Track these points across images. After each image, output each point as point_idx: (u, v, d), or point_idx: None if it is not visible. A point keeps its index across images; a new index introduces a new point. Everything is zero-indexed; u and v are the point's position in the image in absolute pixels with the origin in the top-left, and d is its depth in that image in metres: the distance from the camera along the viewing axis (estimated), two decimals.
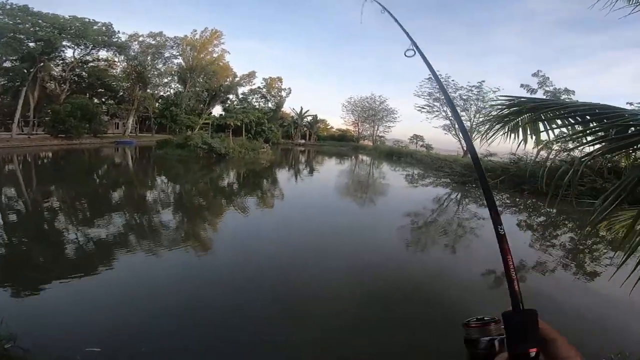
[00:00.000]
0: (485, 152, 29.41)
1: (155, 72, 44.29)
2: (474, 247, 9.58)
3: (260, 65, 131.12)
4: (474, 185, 22.31)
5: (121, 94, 43.21)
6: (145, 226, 9.14)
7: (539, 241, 10.81)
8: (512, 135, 3.70)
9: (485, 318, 0.59)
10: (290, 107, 61.86)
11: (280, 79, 55.21)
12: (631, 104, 20.79)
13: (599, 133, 2.75)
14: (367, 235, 9.90)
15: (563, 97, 24.30)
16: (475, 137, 3.77)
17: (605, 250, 9.73)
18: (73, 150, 28.48)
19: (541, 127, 3.57)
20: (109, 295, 4.94)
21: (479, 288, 6.51)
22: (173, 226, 9.26)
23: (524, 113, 3.31)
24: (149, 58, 42.23)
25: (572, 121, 2.94)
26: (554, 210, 16.04)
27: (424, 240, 10.02)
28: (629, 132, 2.25)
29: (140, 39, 42.22)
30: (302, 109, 59.98)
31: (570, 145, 3.71)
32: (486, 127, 3.69)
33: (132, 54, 40.86)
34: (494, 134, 3.54)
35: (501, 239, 0.62)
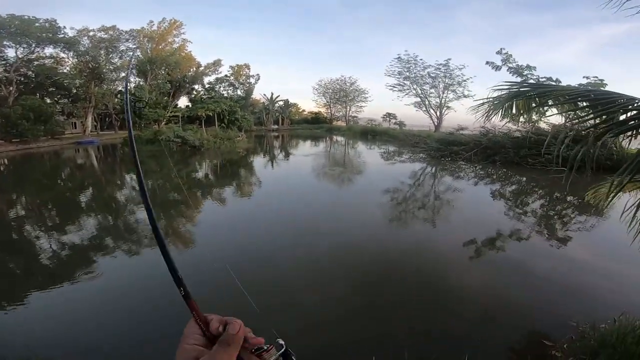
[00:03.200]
0: (456, 127, 30.64)
1: (111, 67, 41.51)
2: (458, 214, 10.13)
3: (226, 53, 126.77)
4: (448, 159, 23.21)
5: (75, 91, 40.30)
6: (138, 223, 8.84)
7: (512, 209, 11.54)
8: (505, 113, 3.99)
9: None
10: (260, 93, 60.51)
11: (247, 66, 53.60)
12: (587, 77, 22.30)
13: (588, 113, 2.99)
14: (355, 210, 10.14)
15: (525, 73, 25.75)
16: (480, 117, 3.97)
17: (573, 215, 10.60)
18: (31, 155, 26.46)
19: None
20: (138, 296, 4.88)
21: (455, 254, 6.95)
22: (164, 219, 9.02)
23: (519, 95, 3.56)
24: (102, 53, 39.53)
25: (567, 105, 3.20)
26: (524, 179, 17.11)
27: (415, 212, 10.44)
28: (627, 116, 2.51)
29: (91, 33, 39.38)
30: (272, 94, 58.74)
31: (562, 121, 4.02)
32: (486, 106, 3.94)
33: (83, 49, 38.10)
34: (494, 112, 3.80)
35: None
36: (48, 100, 37.86)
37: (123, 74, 43.76)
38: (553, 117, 3.57)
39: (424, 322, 4.62)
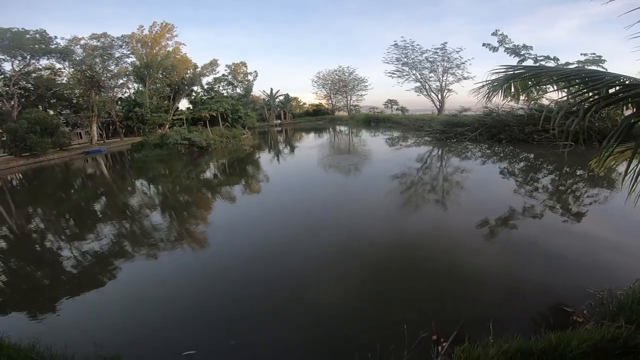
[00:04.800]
0: (459, 109, 30.55)
1: (109, 75, 41.95)
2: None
3: (222, 53, 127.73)
4: (454, 140, 23.24)
5: (75, 101, 40.75)
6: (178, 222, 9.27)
7: (522, 186, 11.66)
8: (504, 93, 4.21)
9: None
10: (260, 90, 60.80)
11: (244, 64, 53.82)
12: (585, 54, 22.09)
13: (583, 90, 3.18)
14: (365, 197, 10.41)
15: (523, 52, 25.70)
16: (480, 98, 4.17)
17: (585, 189, 10.65)
18: (43, 168, 27.09)
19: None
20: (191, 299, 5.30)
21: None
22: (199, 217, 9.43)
23: (515, 77, 3.77)
24: (97, 60, 39.82)
25: (561, 83, 3.39)
26: (532, 155, 17.13)
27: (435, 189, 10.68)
28: (614, 90, 2.72)
29: (82, 42, 39.62)
30: (272, 90, 58.84)
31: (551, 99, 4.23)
32: (486, 88, 4.17)
33: (78, 58, 38.34)
34: (494, 94, 4.03)
35: None
36: (51, 112, 38.32)
37: (121, 81, 44.34)
38: (554, 94, 3.76)
39: (445, 299, 4.89)
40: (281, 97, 60.71)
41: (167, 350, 4.07)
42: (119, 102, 45.81)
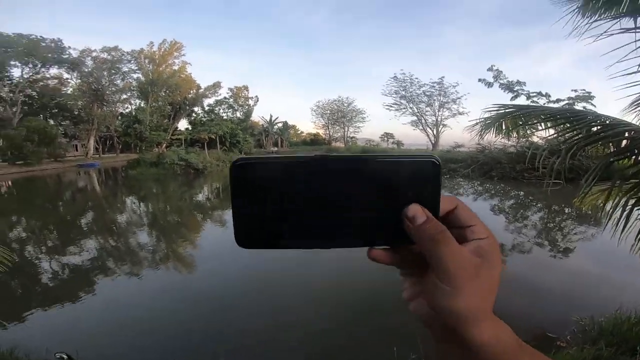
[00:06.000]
0: (453, 144, 31.50)
1: (114, 89, 42.04)
2: None
3: (224, 76, 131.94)
4: (447, 176, 23.73)
5: (77, 113, 40.45)
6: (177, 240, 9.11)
7: (512, 223, 11.88)
8: (496, 131, 4.45)
9: None
10: (259, 115, 61.90)
11: (246, 88, 54.93)
12: (575, 90, 23.19)
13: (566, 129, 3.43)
14: None
15: (516, 88, 26.65)
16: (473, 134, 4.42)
17: (573, 226, 10.95)
18: (35, 177, 26.83)
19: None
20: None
21: None
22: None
23: (506, 115, 4.04)
24: (105, 73, 39.90)
25: (548, 122, 3.66)
26: (522, 193, 17.56)
27: None
28: (594, 130, 2.95)
29: (94, 54, 39.93)
30: (271, 116, 59.97)
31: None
32: (479, 125, 4.42)
33: (87, 70, 38.60)
34: (486, 131, 4.29)
35: None
36: (51, 122, 37.85)
37: (124, 96, 43.95)
38: (543, 132, 4.02)
39: None
40: (280, 124, 61.81)
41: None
42: (120, 117, 45.72)
